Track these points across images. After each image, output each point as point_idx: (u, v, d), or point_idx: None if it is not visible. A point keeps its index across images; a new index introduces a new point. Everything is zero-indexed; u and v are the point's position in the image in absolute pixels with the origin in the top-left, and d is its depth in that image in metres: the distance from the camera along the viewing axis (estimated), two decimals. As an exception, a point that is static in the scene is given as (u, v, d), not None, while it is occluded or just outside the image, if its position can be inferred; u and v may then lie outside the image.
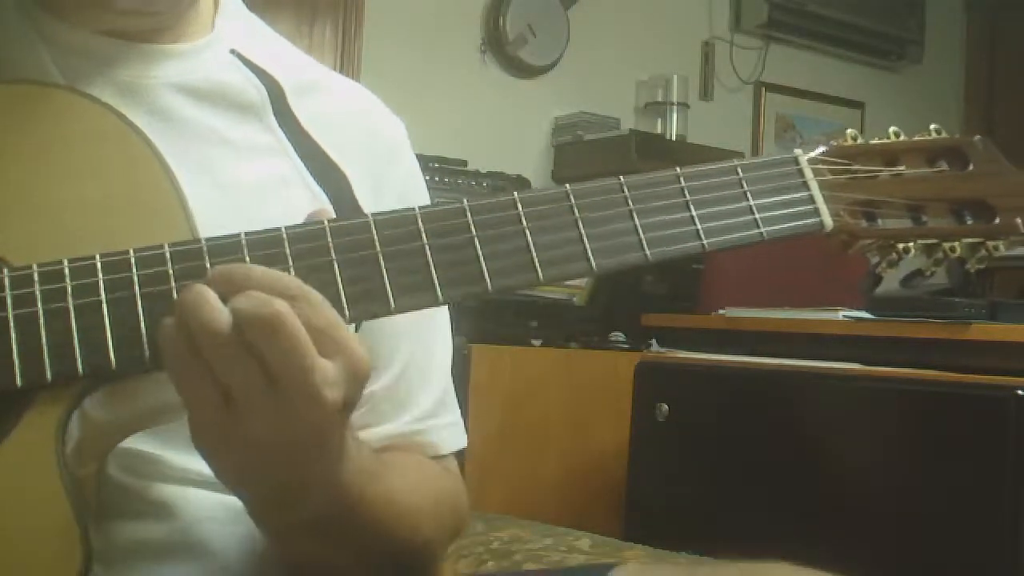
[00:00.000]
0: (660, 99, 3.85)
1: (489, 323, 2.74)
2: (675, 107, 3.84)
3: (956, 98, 4.74)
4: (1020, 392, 1.75)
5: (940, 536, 1.83)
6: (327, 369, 0.61)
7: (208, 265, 0.65)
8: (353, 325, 0.83)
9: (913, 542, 1.86)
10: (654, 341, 2.58)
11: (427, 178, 0.98)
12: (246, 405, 0.61)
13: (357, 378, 0.63)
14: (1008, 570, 1.73)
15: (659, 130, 3.82)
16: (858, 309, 2.18)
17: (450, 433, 0.93)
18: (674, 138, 3.79)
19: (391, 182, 0.90)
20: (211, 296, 0.61)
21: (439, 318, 0.93)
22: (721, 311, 2.47)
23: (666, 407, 2.26)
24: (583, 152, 3.60)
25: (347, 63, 3.28)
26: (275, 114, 0.85)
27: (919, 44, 4.50)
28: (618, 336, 3.04)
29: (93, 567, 0.63)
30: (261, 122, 0.85)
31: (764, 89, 4.26)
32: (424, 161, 0.97)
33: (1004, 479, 1.76)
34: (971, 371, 1.90)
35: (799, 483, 2.03)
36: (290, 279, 0.63)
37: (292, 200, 0.82)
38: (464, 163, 3.29)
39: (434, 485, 0.88)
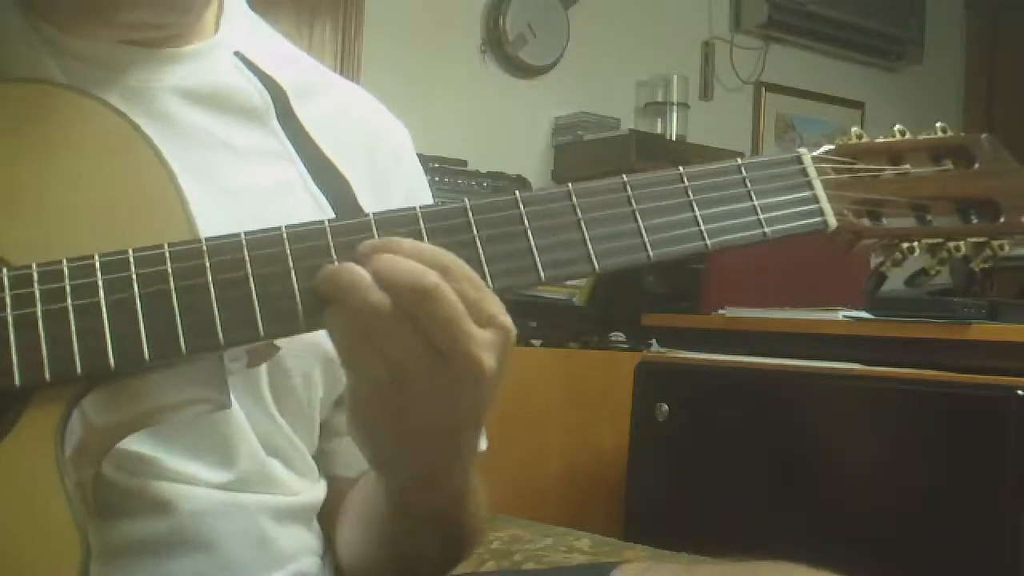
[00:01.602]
0: (660, 99, 3.85)
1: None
2: (675, 107, 3.84)
3: (956, 98, 4.74)
4: (1020, 392, 1.75)
5: (940, 536, 1.83)
6: (483, 335, 0.64)
7: (208, 265, 0.65)
8: None
9: (913, 542, 1.86)
10: (654, 341, 2.58)
11: (427, 178, 0.98)
12: (416, 380, 0.64)
13: (508, 345, 0.66)
14: (1008, 570, 1.73)
15: (659, 130, 3.82)
16: (858, 309, 2.18)
17: None
18: (674, 138, 3.79)
19: (394, 186, 0.90)
20: (366, 276, 0.63)
21: None
22: (721, 311, 2.47)
23: (666, 407, 2.25)
24: (583, 152, 3.60)
25: (347, 63, 3.28)
26: (278, 118, 0.85)
27: (919, 44, 4.50)
28: (618, 336, 3.04)
29: (93, 566, 0.63)
30: (264, 127, 0.85)
31: (764, 89, 4.26)
32: (424, 161, 0.97)
33: (1004, 479, 1.76)
34: (971, 371, 1.90)
35: (799, 483, 2.03)
36: (440, 251, 0.65)
37: (294, 205, 0.82)
38: (464, 163, 3.29)
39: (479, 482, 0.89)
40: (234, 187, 0.81)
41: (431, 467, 0.71)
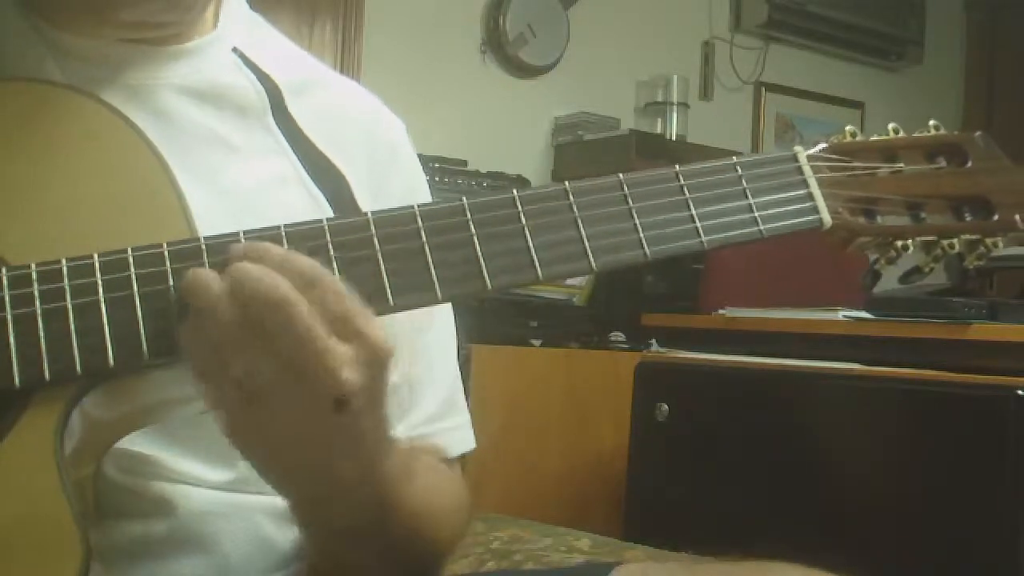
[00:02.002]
0: (660, 99, 3.85)
1: (489, 323, 2.74)
2: (675, 107, 3.84)
3: (956, 98, 4.74)
4: (1020, 392, 1.75)
5: (940, 536, 1.83)
6: (342, 352, 0.61)
7: (207, 263, 0.65)
8: None
9: (913, 542, 1.86)
10: (654, 341, 2.58)
11: (427, 178, 0.98)
12: (270, 398, 0.61)
13: (376, 362, 0.62)
14: (1008, 570, 1.73)
15: (659, 130, 3.82)
16: (858, 309, 2.17)
17: (457, 435, 0.93)
18: (674, 138, 3.79)
19: (392, 183, 0.90)
20: (215, 285, 0.61)
21: (441, 319, 0.93)
22: (721, 311, 2.47)
23: (666, 407, 2.25)
24: (583, 152, 3.60)
25: (347, 63, 3.28)
26: (274, 116, 0.85)
27: (919, 44, 4.50)
28: (618, 336, 3.04)
29: (93, 566, 0.63)
30: (261, 124, 0.85)
31: (764, 89, 4.26)
32: (424, 161, 0.97)
33: (1004, 479, 1.75)
34: (971, 371, 1.90)
35: (799, 483, 2.03)
36: (305, 262, 0.62)
37: (292, 202, 0.82)
38: (464, 163, 3.29)
39: (450, 487, 0.88)
40: (232, 185, 0.81)
41: (307, 488, 0.68)
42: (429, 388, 0.90)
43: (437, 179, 3.05)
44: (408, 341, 0.89)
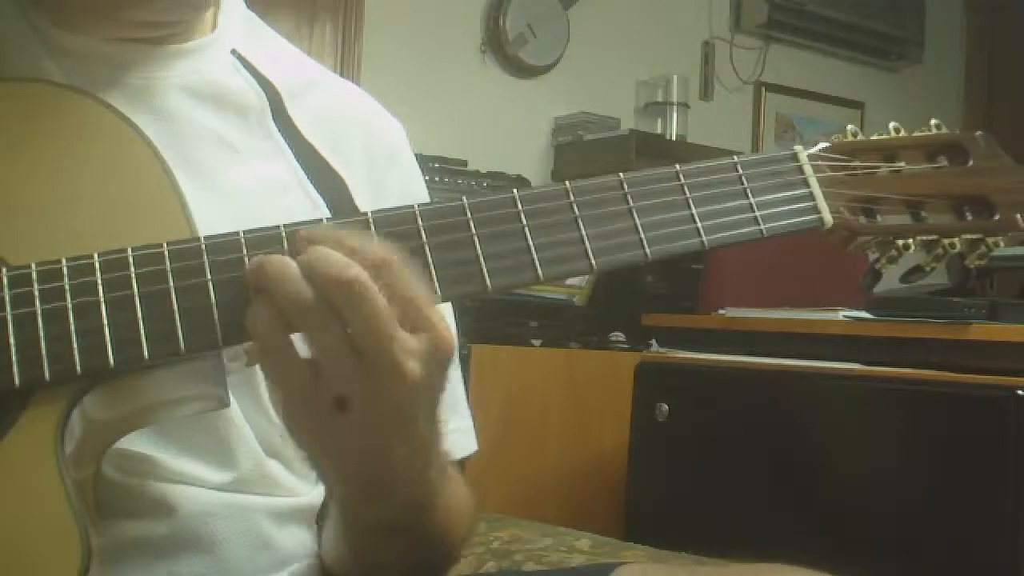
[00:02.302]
0: (660, 99, 3.85)
1: (489, 323, 2.74)
2: (675, 107, 3.84)
3: (956, 98, 4.74)
4: (1020, 392, 1.75)
5: (940, 536, 1.83)
6: (408, 340, 0.62)
7: (207, 263, 0.65)
8: None
9: (913, 542, 1.86)
10: (654, 341, 2.58)
11: (427, 178, 0.98)
12: (333, 376, 0.62)
13: (439, 355, 0.63)
14: (1008, 570, 1.73)
15: (659, 130, 3.82)
16: (858, 309, 2.17)
17: (460, 439, 0.93)
18: (674, 138, 3.79)
19: (391, 186, 0.90)
20: (293, 266, 0.62)
21: None
22: (721, 311, 2.47)
23: (666, 407, 2.25)
24: (583, 152, 3.60)
25: (347, 63, 3.28)
26: (274, 118, 0.85)
27: (919, 44, 4.50)
28: (618, 336, 3.04)
29: (92, 566, 0.63)
30: (260, 125, 0.85)
31: (764, 89, 4.26)
32: (424, 161, 0.97)
33: (1004, 479, 1.75)
34: (971, 371, 1.90)
35: (799, 483, 2.03)
36: (377, 246, 0.63)
37: (290, 204, 0.82)
38: (464, 163, 3.28)
39: (463, 490, 0.88)
40: (232, 185, 0.81)
41: (362, 478, 0.69)
42: None
43: (437, 179, 3.05)
44: None
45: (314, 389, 0.63)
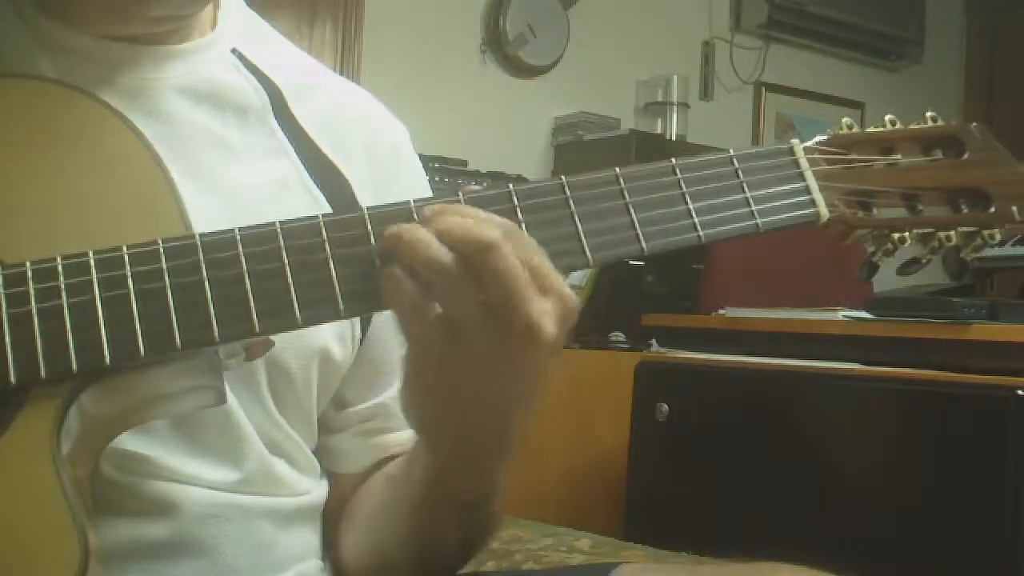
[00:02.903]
0: (660, 99, 3.86)
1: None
2: (675, 107, 3.84)
3: (956, 98, 4.75)
4: (1020, 392, 1.74)
5: (940, 536, 1.82)
6: (543, 302, 0.64)
7: (202, 260, 0.65)
8: (355, 320, 0.84)
9: (913, 542, 1.85)
10: (654, 341, 2.58)
11: (427, 178, 0.98)
12: (473, 340, 0.64)
13: (567, 318, 0.66)
14: (1008, 570, 1.73)
15: (659, 130, 3.82)
16: (858, 309, 2.17)
17: None
18: (674, 138, 3.80)
19: (395, 188, 0.90)
20: (428, 233, 0.64)
21: None
22: (721, 311, 2.46)
23: (666, 407, 2.25)
24: (583, 152, 3.60)
25: (347, 63, 3.28)
26: (275, 116, 0.85)
27: (919, 44, 4.50)
28: (618, 336, 3.04)
29: (91, 566, 0.63)
30: (262, 125, 0.85)
31: (764, 89, 4.27)
32: (424, 161, 0.97)
33: (1004, 479, 1.75)
34: (971, 371, 1.89)
35: (799, 483, 2.03)
36: (504, 220, 0.66)
37: (293, 203, 0.82)
38: (464, 163, 3.29)
39: None
40: (233, 185, 0.80)
41: (476, 447, 0.72)
42: None
43: (437, 179, 3.06)
44: None
45: (451, 351, 0.65)
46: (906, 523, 1.86)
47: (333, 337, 0.83)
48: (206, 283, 0.65)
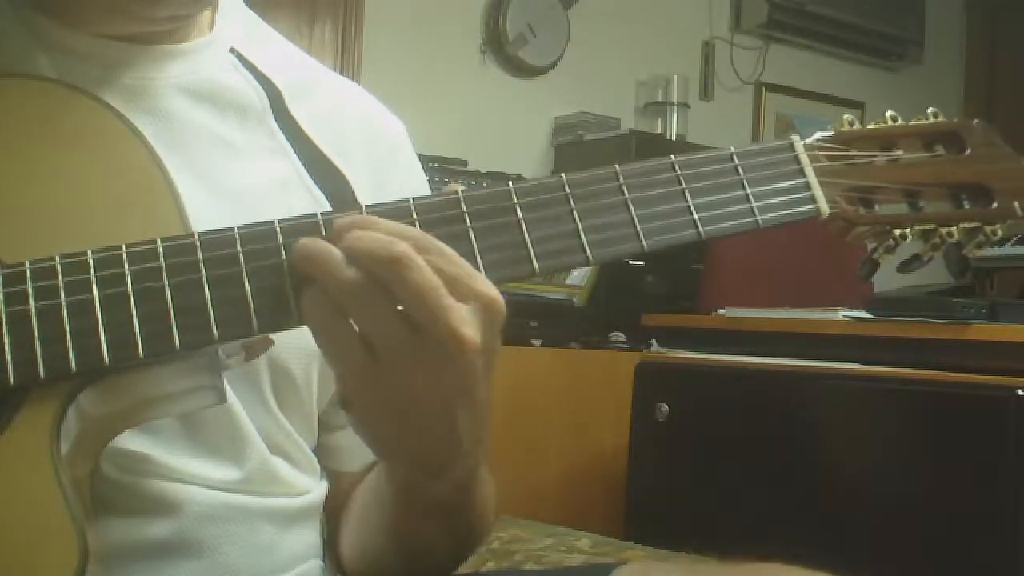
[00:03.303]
0: (660, 99, 3.85)
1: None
2: (675, 107, 3.84)
3: (956, 98, 4.74)
4: (1020, 392, 1.74)
5: (940, 536, 1.82)
6: (461, 309, 0.63)
7: (201, 259, 0.64)
8: None
9: (913, 542, 1.85)
10: (654, 341, 2.58)
11: (427, 178, 0.98)
12: (391, 355, 0.63)
13: (493, 320, 0.65)
14: (1008, 570, 1.73)
15: (659, 130, 3.82)
16: (858, 309, 2.17)
17: None
18: (674, 138, 3.79)
19: (393, 184, 0.90)
20: (336, 251, 0.63)
21: None
22: (721, 311, 2.47)
23: (666, 407, 2.25)
24: (583, 152, 3.60)
25: (347, 63, 3.28)
26: (274, 116, 0.85)
27: (919, 44, 4.50)
28: (618, 336, 3.04)
29: (91, 566, 0.63)
30: (261, 124, 0.85)
31: (764, 89, 4.27)
32: (424, 161, 0.97)
33: (1004, 479, 1.75)
34: (971, 371, 1.89)
35: (799, 483, 2.03)
36: (413, 230, 0.65)
37: (292, 202, 0.82)
38: (464, 163, 3.29)
39: (490, 477, 0.89)
40: (233, 185, 0.80)
41: (430, 453, 0.70)
42: None
43: (437, 179, 3.05)
44: None
45: (375, 369, 0.64)
46: (906, 523, 1.86)
47: None
48: (205, 282, 0.64)
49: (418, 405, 0.66)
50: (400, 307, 0.63)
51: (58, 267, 0.64)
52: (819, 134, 0.77)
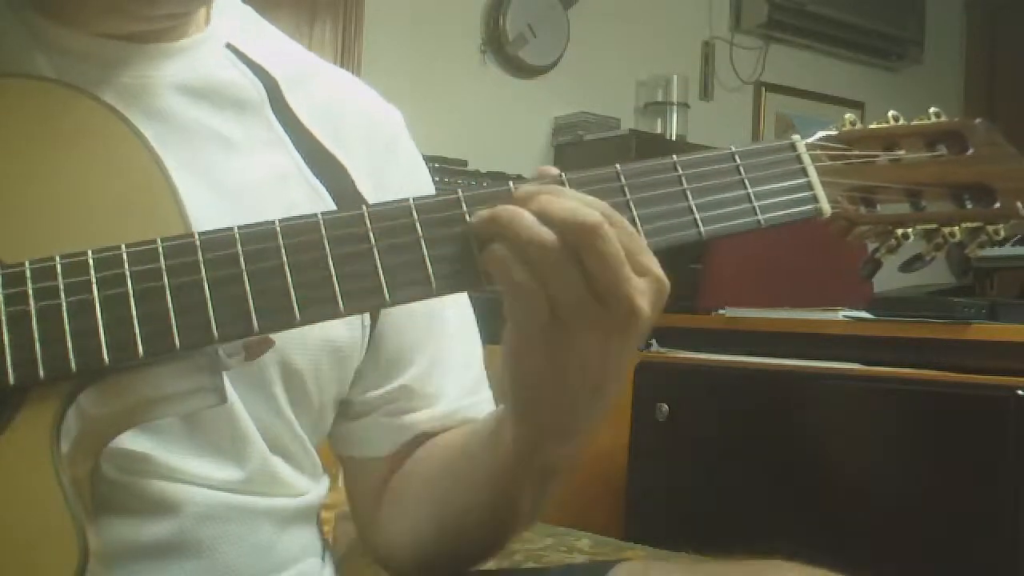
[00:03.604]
0: (660, 99, 3.86)
1: (489, 323, 2.73)
2: (675, 107, 3.84)
3: (956, 98, 4.75)
4: (1020, 392, 1.74)
5: (940, 536, 1.82)
6: (640, 282, 0.65)
7: (201, 259, 0.64)
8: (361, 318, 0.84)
9: (913, 542, 1.85)
10: (654, 341, 2.57)
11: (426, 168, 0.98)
12: (574, 319, 0.65)
13: (661, 298, 0.67)
14: (1008, 570, 1.73)
15: (659, 130, 3.82)
16: (858, 309, 2.17)
17: (490, 409, 0.94)
18: (674, 138, 3.80)
19: (393, 172, 0.90)
20: (527, 213, 0.64)
21: (452, 306, 0.94)
22: (721, 311, 2.46)
23: (666, 407, 2.25)
24: (583, 152, 3.60)
25: (347, 63, 3.28)
26: (272, 108, 0.85)
27: (919, 44, 4.50)
28: (618, 336, 3.03)
29: (91, 566, 0.63)
30: (259, 118, 0.84)
31: (764, 89, 4.27)
32: (424, 161, 0.97)
33: (1004, 479, 1.75)
34: (971, 371, 1.89)
35: (799, 483, 2.03)
36: (600, 201, 0.66)
37: (292, 196, 0.82)
38: (464, 163, 3.29)
39: None
40: (233, 182, 0.80)
41: (572, 417, 0.73)
42: (461, 361, 0.93)
43: (437, 179, 3.04)
44: (425, 333, 0.91)
45: (552, 327, 0.66)
46: (906, 523, 1.86)
47: (337, 325, 0.82)
48: (205, 282, 0.64)
49: (581, 369, 0.68)
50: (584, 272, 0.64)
51: (58, 267, 0.64)
52: (821, 133, 0.77)
